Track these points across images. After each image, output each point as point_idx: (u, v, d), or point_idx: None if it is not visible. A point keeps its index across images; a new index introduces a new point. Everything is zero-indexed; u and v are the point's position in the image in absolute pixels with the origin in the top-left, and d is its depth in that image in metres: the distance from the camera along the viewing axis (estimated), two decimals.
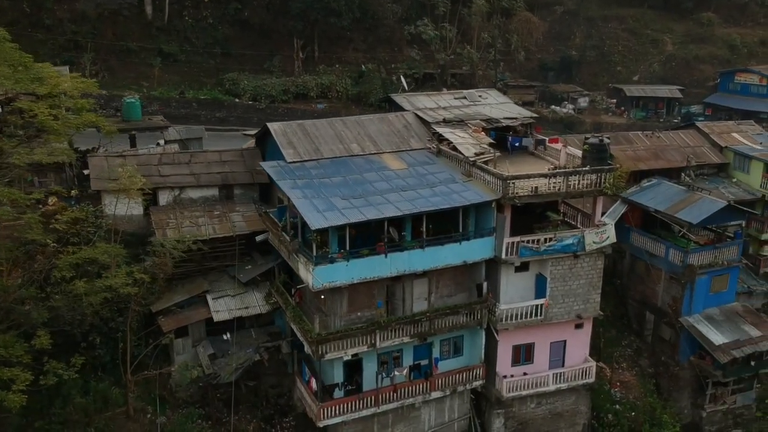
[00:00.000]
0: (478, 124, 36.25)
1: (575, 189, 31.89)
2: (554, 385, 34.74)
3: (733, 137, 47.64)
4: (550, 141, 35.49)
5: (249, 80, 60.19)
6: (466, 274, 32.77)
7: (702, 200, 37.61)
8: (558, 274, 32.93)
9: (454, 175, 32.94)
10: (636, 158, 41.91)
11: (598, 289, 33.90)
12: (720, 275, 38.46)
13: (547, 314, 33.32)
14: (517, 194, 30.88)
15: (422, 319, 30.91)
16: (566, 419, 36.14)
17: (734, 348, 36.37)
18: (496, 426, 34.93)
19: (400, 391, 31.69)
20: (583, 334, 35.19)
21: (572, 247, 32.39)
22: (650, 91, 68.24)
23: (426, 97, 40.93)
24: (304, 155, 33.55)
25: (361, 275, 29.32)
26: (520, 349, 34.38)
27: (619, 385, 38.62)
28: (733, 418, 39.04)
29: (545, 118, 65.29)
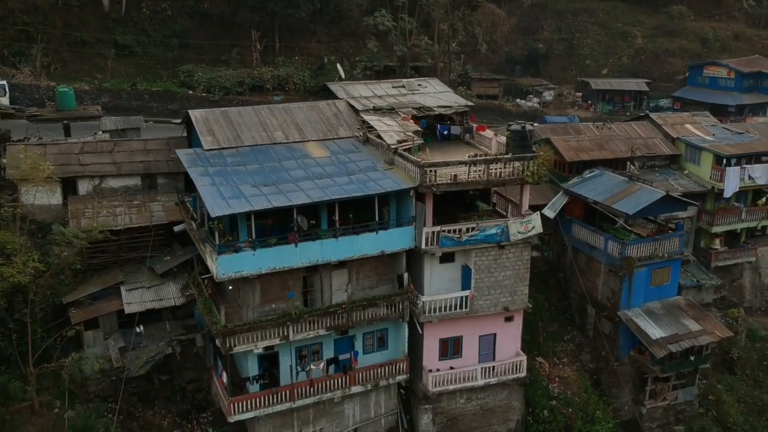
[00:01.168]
0: (408, 112, 35.30)
1: (498, 177, 30.92)
2: (483, 380, 33.73)
3: (686, 128, 46.73)
4: (478, 129, 34.55)
5: (203, 72, 59.26)
6: (388, 265, 31.80)
7: (641, 191, 36.62)
8: (483, 265, 31.95)
9: (376, 163, 31.99)
10: (579, 149, 40.92)
11: (525, 281, 32.90)
12: (661, 268, 37.46)
13: (472, 306, 32.34)
14: (435, 182, 29.89)
15: (338, 311, 29.91)
16: (498, 415, 35.16)
17: (672, 342, 35.37)
18: (424, 422, 33.94)
19: (317, 386, 30.69)
20: (513, 328, 34.19)
21: (496, 237, 31.41)
22: (617, 84, 67.29)
23: (363, 85, 39.97)
24: (223, 143, 32.61)
25: (269, 265, 28.33)
26: (448, 343, 33.39)
27: (558, 381, 37.63)
28: (674, 415, 38.04)
29: (509, 111, 64.54)
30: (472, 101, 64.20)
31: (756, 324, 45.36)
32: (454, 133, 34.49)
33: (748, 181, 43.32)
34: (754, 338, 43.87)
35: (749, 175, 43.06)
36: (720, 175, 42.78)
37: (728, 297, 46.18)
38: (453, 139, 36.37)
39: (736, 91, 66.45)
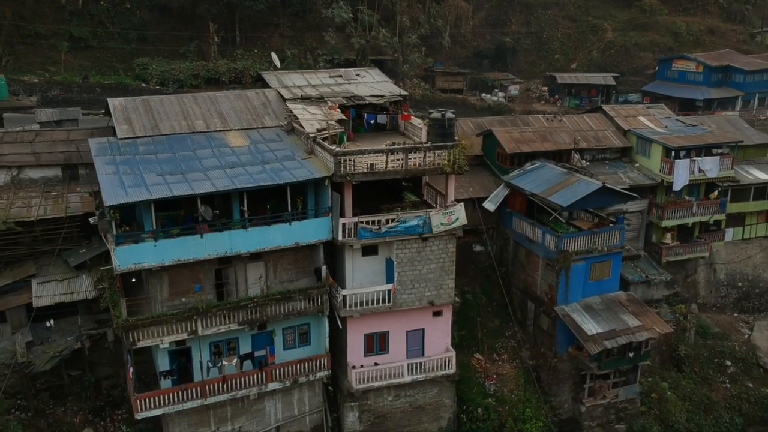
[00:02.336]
0: (337, 101, 34.29)
1: (417, 167, 29.91)
2: (410, 377, 32.80)
3: (639, 121, 45.73)
4: (402, 118, 33.56)
5: (158, 65, 58.24)
6: (308, 258, 30.86)
7: (578, 183, 35.59)
8: (405, 257, 30.97)
9: (295, 152, 31.03)
10: (521, 140, 39.88)
11: (451, 274, 31.94)
12: (600, 262, 36.39)
13: (396, 301, 31.35)
14: (352, 172, 28.88)
15: (250, 305, 28.91)
16: (429, 413, 34.18)
17: (608, 338, 34.31)
18: (350, 420, 32.96)
19: (231, 383, 29.69)
20: (442, 323, 33.25)
21: (417, 229, 30.42)
22: (583, 79, 66.24)
23: (299, 74, 39.01)
24: (139, 131, 31.67)
25: (173, 257, 27.33)
26: (374, 338, 32.44)
27: (495, 378, 36.60)
28: (615, 413, 36.97)
29: (472, 106, 63.44)
30: (436, 95, 64.30)
31: (709, 320, 44.33)
32: (381, 122, 33.50)
33: (698, 174, 42.25)
34: (705, 335, 42.81)
35: (699, 167, 41.99)
36: (669, 167, 41.74)
37: (681, 293, 45.14)
38: (388, 129, 35.44)
39: (705, 86, 65.40)
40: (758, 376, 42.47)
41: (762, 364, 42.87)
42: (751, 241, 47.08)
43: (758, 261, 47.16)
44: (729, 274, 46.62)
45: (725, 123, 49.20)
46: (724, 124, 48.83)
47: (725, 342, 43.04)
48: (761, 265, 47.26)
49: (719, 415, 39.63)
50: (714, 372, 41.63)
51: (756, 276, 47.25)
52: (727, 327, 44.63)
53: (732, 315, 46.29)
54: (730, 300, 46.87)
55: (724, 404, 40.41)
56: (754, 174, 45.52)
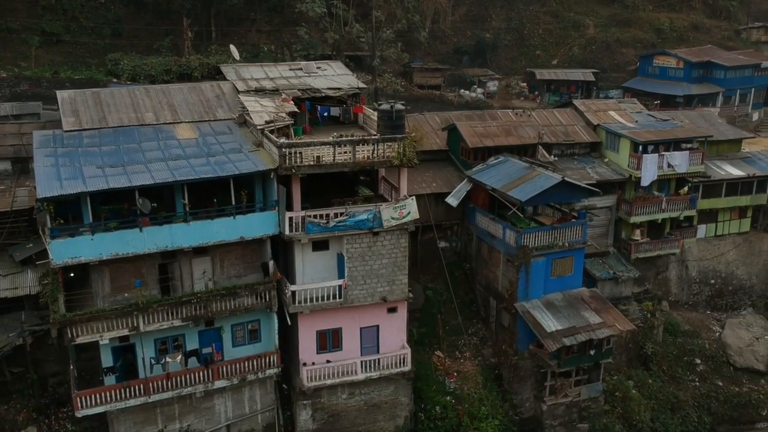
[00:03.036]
0: (291, 93, 33.67)
1: (366, 159, 29.27)
2: (364, 374, 32.16)
3: (609, 115, 45.10)
4: (355, 110, 32.95)
5: (130, 60, 57.58)
6: (257, 253, 30.24)
7: (538, 177, 34.96)
8: (356, 252, 30.33)
9: (244, 145, 30.40)
10: (484, 135, 39.24)
11: (404, 269, 31.27)
12: (562, 258, 35.79)
13: (347, 297, 30.72)
14: (297, 164, 28.26)
15: (193, 301, 28.28)
16: (385, 411, 33.55)
17: (567, 335, 33.68)
18: (303, 418, 32.33)
19: (175, 380, 29.07)
20: (397, 319, 32.58)
21: (368, 223, 29.79)
22: (562, 75, 65.43)
23: (258, 67, 38.38)
24: (85, 124, 31.07)
25: (111, 251, 26.71)
26: (326, 335, 31.80)
27: (456, 376, 35.98)
28: (578, 412, 36.31)
29: (450, 102, 62.70)
30: (413, 91, 63.60)
31: (679, 318, 43.69)
32: (334, 114, 32.85)
33: (667, 169, 41.63)
34: (675, 333, 42.17)
35: (668, 162, 41.35)
36: (637, 162, 41.13)
37: (652, 290, 44.52)
38: (347, 122, 34.84)
39: (685, 82, 64.57)
40: (728, 375, 41.85)
41: (732, 363, 42.25)
42: (724, 238, 46.40)
43: (731, 258, 46.47)
44: (701, 272, 45.93)
45: (699, 118, 48.54)
46: (698, 120, 48.17)
47: (695, 340, 42.42)
48: (734, 263, 46.57)
49: (687, 414, 39.01)
50: (683, 370, 41.01)
51: (729, 273, 46.56)
52: (699, 325, 43.99)
53: (704, 313, 45.63)
54: (703, 297, 46.18)
55: (693, 403, 39.79)
56: (725, 170, 44.87)
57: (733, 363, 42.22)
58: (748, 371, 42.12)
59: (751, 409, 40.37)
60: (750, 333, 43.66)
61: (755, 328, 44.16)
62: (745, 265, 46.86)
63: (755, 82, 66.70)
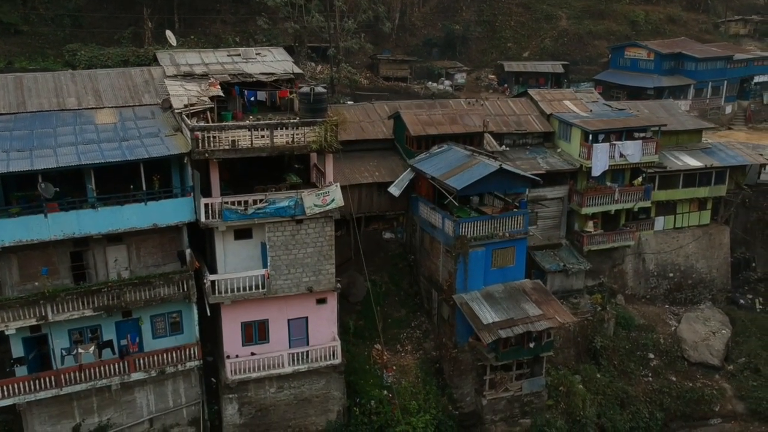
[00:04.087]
0: (220, 78, 32.72)
1: (286, 144, 28.30)
2: (291, 367, 31.20)
3: (563, 105, 44.10)
4: (280, 94, 31.97)
5: (87, 51, 56.64)
6: (175, 241, 29.28)
7: (477, 165, 33.97)
8: (279, 241, 29.40)
9: (163, 129, 29.45)
10: (428, 123, 38.20)
11: (330, 259, 30.34)
12: (503, 248, 34.80)
13: (270, 287, 29.77)
14: (212, 148, 27.30)
15: (104, 290, 27.33)
16: (317, 406, 32.60)
17: (504, 327, 32.69)
18: (229, 413, 31.37)
19: (88, 372, 28.12)
20: (327, 311, 31.65)
21: (289, 210, 28.85)
22: (531, 67, 64.43)
23: (195, 53, 37.49)
24: (3, 108, 30.14)
25: (14, 237, 25.81)
26: (252, 327, 30.86)
27: (395, 369, 35.02)
28: (520, 407, 35.29)
29: (416, 94, 61.72)
30: (378, 83, 62.64)
31: (635, 312, 42.68)
32: (261, 99, 31.86)
33: (619, 159, 40.63)
34: (628, 327, 41.15)
35: (620, 152, 40.34)
36: (587, 152, 40.11)
37: (608, 283, 43.49)
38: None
39: (656, 74, 63.59)
40: (682, 370, 40.84)
41: (687, 357, 41.25)
42: (684, 231, 45.37)
43: (691, 251, 45.45)
44: (659, 265, 44.91)
45: (659, 108, 47.53)
46: (658, 110, 47.16)
47: (650, 334, 41.40)
48: (694, 255, 45.55)
49: (637, 410, 37.98)
50: (636, 365, 40.00)
51: (688, 266, 45.53)
52: (654, 319, 42.98)
53: (662, 307, 44.60)
54: (661, 291, 45.14)
55: (644, 399, 38.77)
56: (683, 160, 43.84)
57: (687, 358, 41.21)
58: (702, 366, 41.10)
59: (704, 405, 39.33)
60: (707, 327, 42.66)
61: (713, 323, 43.15)
62: (705, 258, 45.83)
63: (728, 75, 65.65)
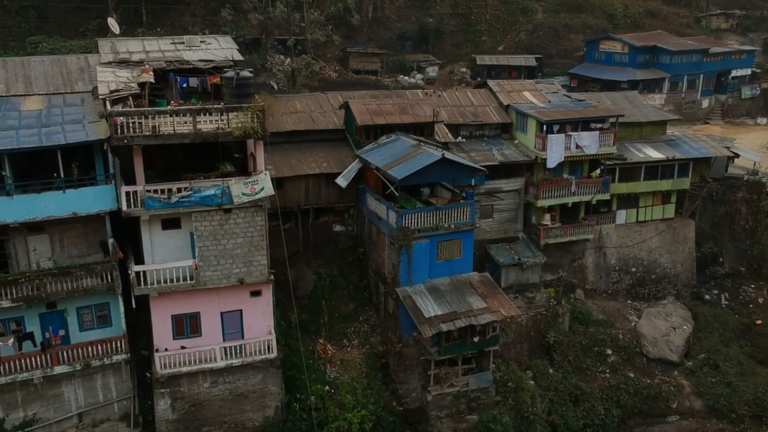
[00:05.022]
0: (156, 65, 31.88)
1: (212, 131, 27.45)
2: (224, 361, 30.36)
3: (522, 96, 43.21)
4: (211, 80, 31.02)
5: (48, 43, 55.93)
6: (101, 231, 28.45)
7: (421, 155, 33.11)
8: (206, 231, 28.58)
9: (88, 116, 28.66)
10: (376, 113, 37.34)
11: (262, 250, 29.48)
12: (448, 240, 33.95)
13: (199, 278, 28.95)
14: (132, 134, 26.46)
15: (20, 281, 26.51)
16: (253, 401, 31.76)
17: (445, 321, 31.84)
18: (162, 407, 30.55)
19: (7, 365, 27.31)
20: (262, 304, 30.83)
21: (216, 199, 28.02)
22: (504, 60, 63.52)
23: (138, 41, 36.63)
24: None
25: None
26: (183, 320, 30.03)
27: (338, 364, 34.17)
28: (466, 403, 34.40)
29: (386, 87, 60.82)
30: (348, 76, 61.77)
31: (594, 307, 41.80)
32: (192, 85, 30.96)
33: (575, 151, 39.75)
34: (586, 322, 40.25)
35: (576, 143, 39.45)
36: (543, 143, 39.23)
37: (567, 278, 42.61)
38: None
39: (630, 67, 62.77)
40: (641, 366, 39.96)
41: (645, 353, 40.36)
42: (647, 224, 44.44)
43: (654, 245, 44.55)
44: (621, 259, 44.01)
45: (622, 100, 46.61)
46: (621, 101, 46.24)
47: (608, 329, 40.50)
48: (657, 250, 44.65)
49: (592, 407, 37.11)
50: (592, 361, 39.12)
51: (652, 261, 44.63)
52: (614, 314, 42.07)
53: (624, 302, 43.71)
54: (623, 286, 44.24)
55: (600, 395, 37.85)
56: (645, 152, 42.92)
57: (646, 354, 40.33)
58: (661, 362, 40.24)
59: (661, 401, 38.46)
60: (668, 323, 41.77)
61: (674, 318, 42.26)
62: (669, 252, 44.93)
63: (704, 68, 64.77)
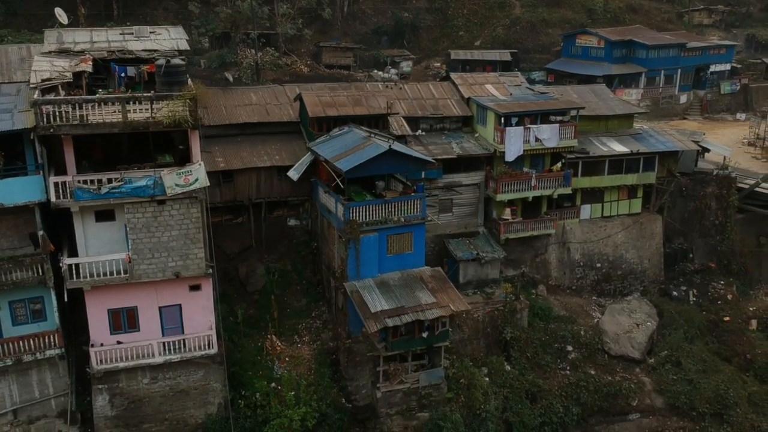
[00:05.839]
0: (97, 54, 31.24)
1: (141, 120, 26.78)
2: (162, 357, 29.70)
3: (484, 89, 42.55)
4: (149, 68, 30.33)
5: (14, 37, 55.27)
6: (31, 223, 27.78)
7: (369, 147, 32.43)
8: (140, 223, 27.92)
9: (20, 105, 28.00)
10: (329, 104, 36.68)
11: (198, 243, 28.79)
12: (399, 234, 33.28)
13: (133, 272, 28.28)
14: (60, 123, 25.80)
15: None
16: (195, 398, 31.11)
17: (392, 316, 31.14)
18: (100, 404, 29.90)
19: None
20: (202, 298, 30.16)
21: (148, 190, 27.35)
22: (478, 55, 62.90)
23: (86, 31, 36.02)
24: None
25: None
26: (120, 315, 29.38)
27: (287, 361, 33.51)
28: (417, 400, 33.69)
29: (358, 82, 60.24)
30: (320, 71, 61.13)
31: (557, 303, 41.10)
32: (130, 74, 30.29)
33: (535, 144, 39.04)
34: (546, 318, 39.55)
35: (535, 136, 38.75)
36: (501, 136, 38.53)
37: (530, 273, 41.93)
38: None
39: (606, 62, 62.10)
40: (602, 363, 39.16)
41: (607, 350, 39.60)
42: (612, 219, 43.77)
43: (620, 240, 43.85)
44: (586, 255, 43.30)
45: (588, 93, 45.92)
46: (587, 94, 45.56)
47: (569, 326, 39.73)
48: (623, 245, 43.94)
49: (550, 404, 36.33)
50: (552, 358, 38.34)
51: (617, 257, 43.93)
52: (577, 310, 41.35)
53: (589, 298, 43.00)
54: (588, 282, 43.53)
55: (559, 392, 37.07)
56: (609, 146, 42.22)
57: (608, 351, 39.55)
58: (623, 359, 39.45)
59: (621, 399, 37.66)
60: (631, 319, 41.04)
61: (638, 314, 41.52)
62: (635, 248, 44.23)
63: (681, 63, 64.09)
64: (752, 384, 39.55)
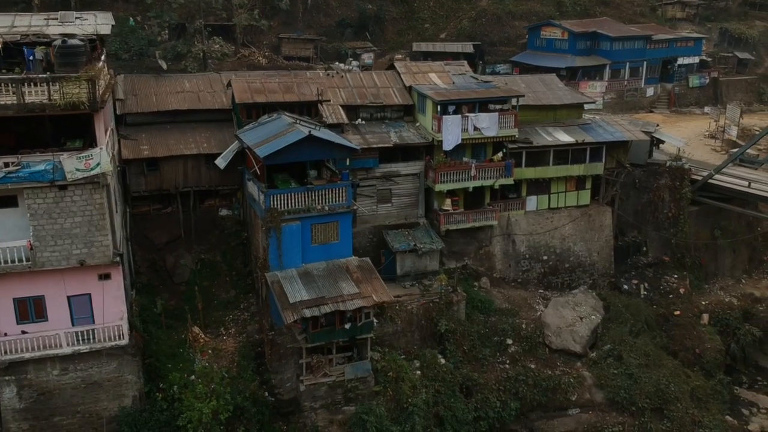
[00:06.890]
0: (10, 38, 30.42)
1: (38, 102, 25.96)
2: (70, 348, 28.87)
3: (427, 77, 41.70)
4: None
5: None
6: None
7: (290, 133, 31.61)
8: (41, 209, 27.08)
9: None
10: (257, 91, 35.88)
11: (103, 230, 27.92)
12: (324, 223, 32.48)
13: (36, 259, 27.46)
14: None
15: None
16: (108, 390, 30.24)
17: (310, 306, 30.32)
18: (7, 396, 29.06)
19: None
20: (112, 288, 29.31)
21: (47, 175, 26.50)
22: (440, 47, 62.01)
23: (9, 16, 35.03)
24: None
25: None
26: (27, 303, 28.55)
27: (209, 354, 32.67)
28: (343, 393, 32.82)
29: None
30: (278, 62, 60.28)
31: (499, 295, 40.30)
32: (38, 57, 29.44)
33: (473, 133, 38.21)
34: (487, 311, 38.75)
35: (474, 125, 37.91)
36: (438, 124, 37.71)
37: (473, 266, 41.09)
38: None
39: (570, 54, 61.24)
40: (543, 357, 38.37)
41: (548, 344, 38.80)
42: (560, 211, 42.97)
43: (567, 233, 43.04)
44: (532, 247, 42.48)
45: (537, 82, 45.09)
46: (535, 84, 44.73)
47: (510, 319, 38.93)
48: (571, 238, 43.13)
49: (486, 398, 35.53)
50: (491, 351, 37.55)
51: (565, 249, 43.11)
52: (520, 303, 40.54)
53: (535, 291, 42.17)
54: (534, 275, 42.70)
55: (497, 387, 36.25)
56: (555, 136, 41.39)
57: (549, 344, 38.78)
58: (564, 353, 38.70)
59: (560, 394, 36.84)
60: (575, 312, 40.25)
61: (583, 308, 40.74)
62: (583, 240, 43.43)
63: (647, 56, 63.24)
64: (696, 379, 38.82)
